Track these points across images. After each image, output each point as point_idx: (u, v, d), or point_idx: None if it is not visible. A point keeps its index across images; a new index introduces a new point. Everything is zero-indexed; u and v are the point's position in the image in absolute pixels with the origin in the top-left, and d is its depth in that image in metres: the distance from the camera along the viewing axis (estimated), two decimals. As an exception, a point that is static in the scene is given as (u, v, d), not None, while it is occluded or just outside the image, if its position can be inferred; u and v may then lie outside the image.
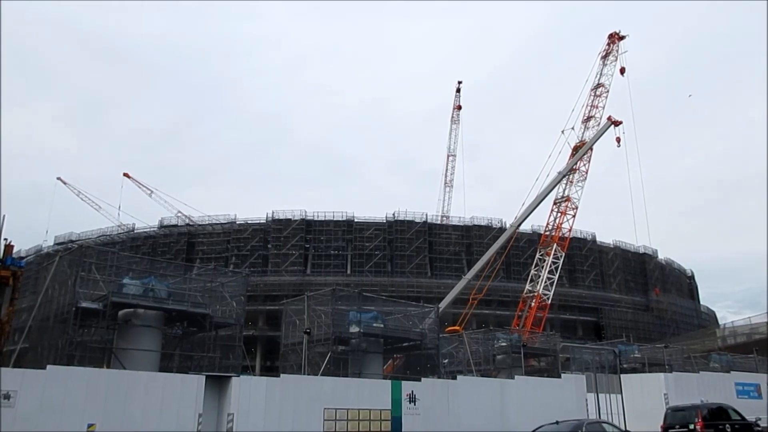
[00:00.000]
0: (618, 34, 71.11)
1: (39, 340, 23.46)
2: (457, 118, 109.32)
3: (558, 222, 69.02)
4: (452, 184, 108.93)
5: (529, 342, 37.81)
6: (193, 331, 25.25)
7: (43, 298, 23.89)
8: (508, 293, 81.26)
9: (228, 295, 25.17)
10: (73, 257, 22.25)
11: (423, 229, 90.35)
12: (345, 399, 22.49)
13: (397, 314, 31.05)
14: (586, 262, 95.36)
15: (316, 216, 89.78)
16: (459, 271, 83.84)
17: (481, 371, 34.40)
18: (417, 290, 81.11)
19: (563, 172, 68.21)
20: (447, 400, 25.56)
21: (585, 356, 37.40)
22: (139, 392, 18.16)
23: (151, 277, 23.35)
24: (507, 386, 28.63)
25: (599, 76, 70.84)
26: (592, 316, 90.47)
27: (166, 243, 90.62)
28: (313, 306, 27.58)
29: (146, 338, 22.21)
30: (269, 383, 21.39)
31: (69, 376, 17.28)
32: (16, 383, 16.17)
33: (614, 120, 69.14)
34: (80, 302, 20.42)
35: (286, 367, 27.67)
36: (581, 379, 31.93)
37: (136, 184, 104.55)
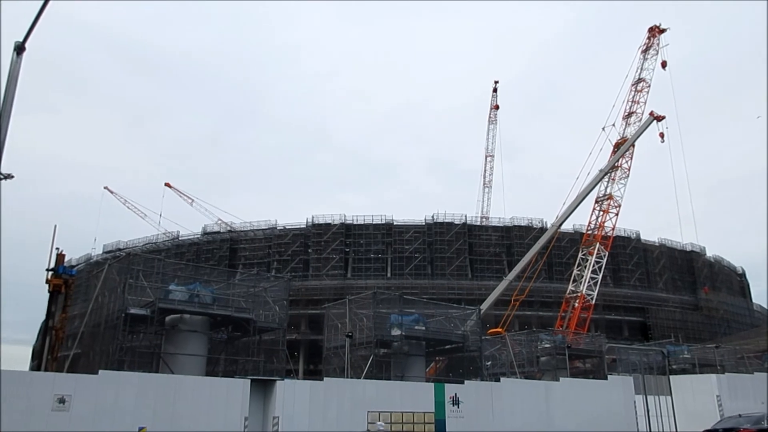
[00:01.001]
0: (658, 27, 69.49)
1: (91, 346, 24.23)
2: (494, 117, 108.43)
3: (600, 221, 67.74)
4: (491, 185, 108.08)
5: (574, 343, 37.23)
6: (238, 336, 25.69)
7: (94, 305, 24.68)
8: (550, 294, 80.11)
9: (271, 300, 25.54)
10: (122, 265, 22.93)
11: (462, 230, 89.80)
12: (388, 402, 22.50)
13: (439, 317, 30.97)
14: (630, 261, 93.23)
15: (355, 220, 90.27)
16: (500, 272, 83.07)
17: (524, 373, 34.03)
18: (458, 292, 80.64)
19: (605, 169, 66.96)
20: (491, 403, 25.33)
21: (632, 357, 36.60)
22: (186, 396, 18.55)
23: (196, 283, 23.89)
24: (552, 388, 28.21)
25: (640, 71, 69.36)
26: (639, 316, 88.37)
27: (209, 249, 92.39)
28: (355, 309, 27.74)
29: (193, 343, 22.72)
30: (313, 386, 21.57)
31: (120, 381, 17.77)
32: (70, 388, 16.72)
33: (657, 115, 67.51)
34: (129, 308, 21.02)
35: (329, 371, 27.88)
36: (628, 380, 31.23)
37: (178, 193, 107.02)
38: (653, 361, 36.55)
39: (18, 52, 15.71)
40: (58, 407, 16.32)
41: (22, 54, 15.83)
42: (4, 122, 14.67)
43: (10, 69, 15.58)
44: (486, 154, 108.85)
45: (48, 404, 16.18)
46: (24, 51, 15.82)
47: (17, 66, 15.74)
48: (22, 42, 15.65)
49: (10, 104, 15.17)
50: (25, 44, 15.79)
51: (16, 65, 15.68)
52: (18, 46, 15.66)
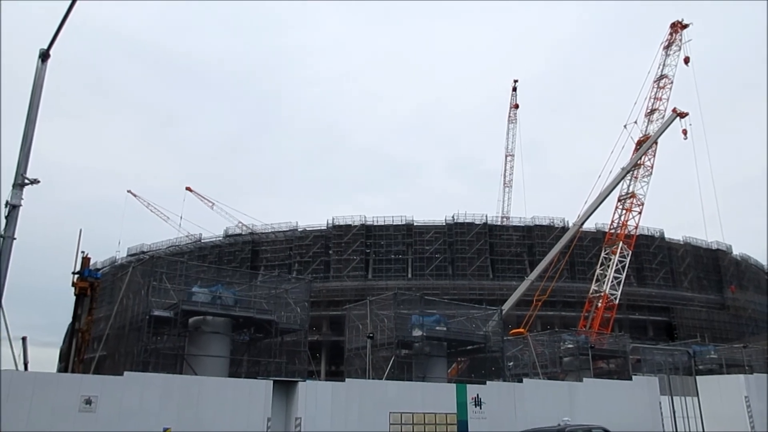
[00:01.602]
0: (681, 23, 68.52)
1: (116, 348, 24.57)
2: (514, 117, 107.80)
3: (623, 219, 66.92)
4: (511, 184, 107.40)
5: (597, 343, 36.82)
6: (260, 337, 25.86)
7: (119, 307, 25.03)
8: (573, 294, 79.34)
9: (292, 301, 25.67)
10: (145, 268, 23.22)
11: (483, 230, 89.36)
12: (410, 403, 22.49)
13: (460, 317, 30.87)
14: (654, 260, 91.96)
15: (376, 221, 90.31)
16: (521, 272, 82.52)
17: (547, 374, 33.77)
18: (479, 293, 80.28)
19: (627, 167, 66.17)
20: (513, 404, 25.19)
21: (657, 357, 36.15)
22: (210, 397, 18.73)
23: (218, 285, 24.11)
24: (575, 389, 27.97)
25: (662, 67, 68.38)
26: (663, 315, 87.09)
27: (231, 252, 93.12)
28: (376, 310, 27.76)
29: (215, 344, 22.93)
30: (335, 388, 21.65)
31: (145, 382, 18.01)
32: (96, 389, 17.00)
33: (679, 112, 66.53)
34: (153, 310, 21.29)
35: (350, 372, 27.94)
36: (653, 381, 30.83)
37: (198, 197, 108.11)
38: (679, 362, 36.05)
39: (43, 59, 16.01)
40: (85, 408, 16.59)
41: (47, 61, 16.13)
42: (29, 128, 14.97)
43: (35, 76, 15.90)
44: (506, 154, 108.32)
45: (75, 405, 16.46)
46: (48, 58, 16.12)
47: (42, 73, 16.05)
48: (46, 49, 15.95)
49: (35, 110, 15.47)
50: (50, 51, 16.10)
51: (41, 72, 15.99)
52: (43, 53, 15.96)
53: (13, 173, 14.50)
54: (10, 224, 14.03)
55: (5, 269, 13.65)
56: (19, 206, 14.22)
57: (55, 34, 15.74)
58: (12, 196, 14.14)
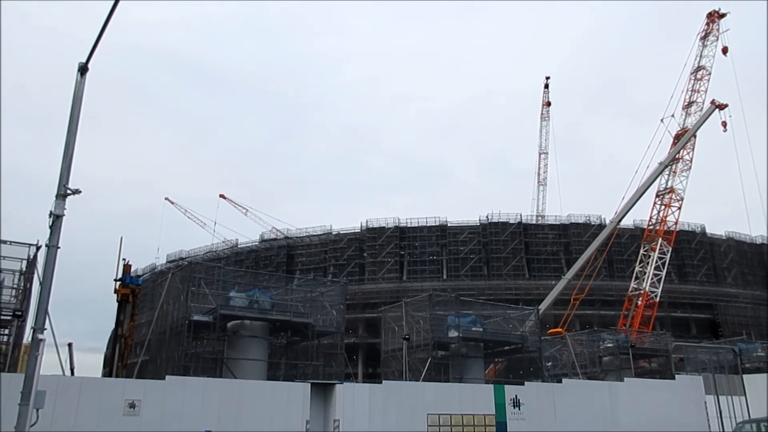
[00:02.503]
0: (718, 12, 66.81)
1: (158, 352, 25.13)
2: (546, 114, 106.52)
3: (662, 215, 65.53)
4: (546, 182, 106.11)
5: (638, 342, 36.14)
6: (297, 340, 26.13)
7: (159, 312, 25.60)
8: (612, 292, 77.93)
9: (328, 304, 25.87)
10: (184, 274, 23.69)
11: (518, 230, 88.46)
12: (448, 404, 22.39)
13: (496, 317, 30.67)
14: (696, 256, 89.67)
15: (409, 223, 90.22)
16: (558, 271, 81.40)
17: (587, 374, 33.28)
18: (515, 293, 79.52)
19: (665, 162, 64.78)
20: (553, 405, 24.85)
21: (701, 356, 35.28)
22: (249, 400, 18.98)
23: (255, 289, 24.44)
24: (616, 389, 27.44)
25: (699, 59, 66.81)
26: (707, 313, 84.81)
27: (267, 256, 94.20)
28: (411, 312, 27.77)
29: (254, 348, 23.25)
30: (372, 389, 21.70)
31: (186, 386, 18.36)
32: (139, 393, 17.40)
33: (718, 103, 64.87)
34: (192, 315, 21.70)
35: (387, 374, 28.00)
36: (698, 380, 30.05)
37: (232, 204, 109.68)
38: (724, 360, 35.10)
39: (81, 72, 16.47)
40: (129, 412, 17.00)
41: (86, 74, 16.58)
42: (70, 140, 15.41)
43: (75, 89, 16.35)
44: (539, 152, 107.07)
45: (119, 409, 16.88)
46: (87, 71, 16.56)
47: (81, 86, 16.49)
48: (85, 63, 16.39)
49: (75, 123, 15.92)
50: (88, 65, 16.54)
51: (80, 85, 16.44)
52: (81, 67, 16.40)
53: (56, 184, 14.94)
54: (54, 234, 14.45)
55: (50, 277, 14.07)
56: (63, 216, 14.62)
57: (93, 48, 16.15)
58: (55, 207, 14.55)
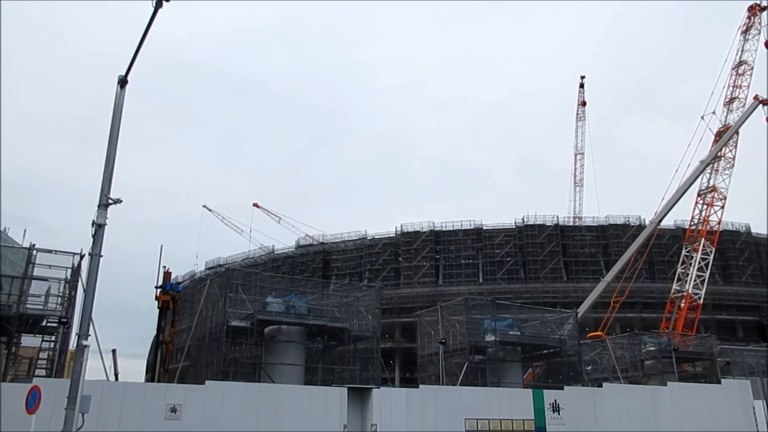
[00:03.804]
0: (759, 6, 64.96)
1: (198, 358, 25.55)
2: (582, 114, 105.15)
3: (705, 215, 63.89)
4: (582, 183, 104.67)
5: (681, 345, 35.21)
6: (333, 345, 26.24)
7: (199, 318, 26.03)
8: (653, 294, 76.23)
9: (364, 309, 25.93)
10: (222, 280, 24.06)
11: (555, 232, 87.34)
12: (486, 409, 22.22)
13: (534, 321, 30.28)
14: (741, 257, 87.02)
15: (444, 227, 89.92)
16: (596, 273, 79.98)
17: (628, 378, 32.59)
18: (553, 296, 78.43)
19: (706, 160, 63.18)
20: (594, 410, 24.42)
21: (748, 359, 34.24)
22: (288, 404, 19.17)
23: (292, 294, 24.66)
24: (659, 394, 26.82)
25: (741, 53, 65.06)
26: (754, 315, 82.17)
27: (303, 262, 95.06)
28: (447, 316, 27.64)
29: (291, 353, 23.44)
30: (409, 394, 21.67)
31: (225, 391, 18.64)
32: (180, 398, 17.75)
33: (762, 99, 62.98)
34: (230, 321, 22.00)
35: (424, 378, 27.91)
36: (745, 384, 29.15)
37: (266, 212, 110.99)
38: (773, 363, 33.97)
39: (121, 85, 16.94)
40: (171, 416, 17.34)
41: (125, 87, 17.05)
42: (111, 151, 15.85)
43: (115, 101, 16.83)
44: (575, 152, 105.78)
45: (161, 413, 17.23)
46: (127, 84, 17.03)
47: (121, 98, 16.96)
48: (124, 75, 16.86)
49: (116, 134, 16.37)
50: (128, 77, 17.00)
51: (120, 98, 16.91)
52: (121, 80, 16.88)
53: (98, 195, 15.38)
54: (97, 242, 14.87)
55: (94, 285, 14.48)
56: (105, 225, 15.04)
57: (132, 61, 16.60)
58: (98, 216, 14.98)
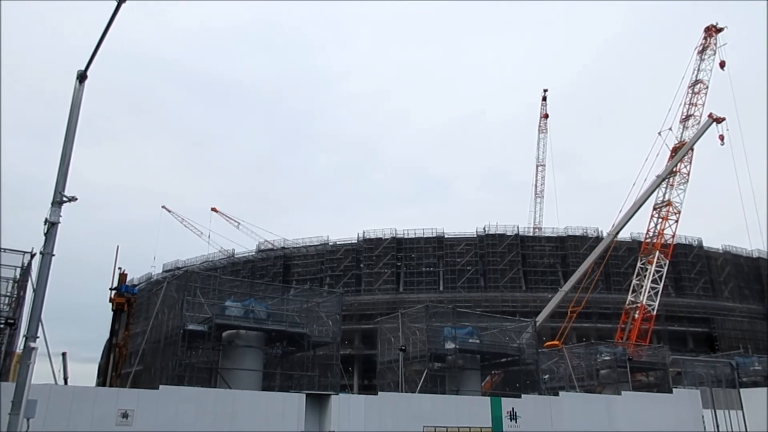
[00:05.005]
0: (715, 27, 67.31)
1: (152, 362, 24.91)
2: (544, 126, 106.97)
3: (659, 228, 65.59)
4: (543, 195, 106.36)
5: (635, 355, 35.98)
6: (292, 351, 25.94)
7: (154, 322, 25.41)
8: (609, 305, 77.79)
9: (324, 315, 25.72)
10: (180, 282, 23.55)
11: (515, 242, 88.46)
12: (444, 416, 22.24)
13: (493, 329, 30.51)
14: (693, 270, 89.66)
15: (406, 234, 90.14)
16: (555, 283, 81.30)
17: (584, 387, 33.12)
18: (512, 305, 79.28)
19: (662, 175, 64.95)
20: (550, 418, 24.71)
21: (698, 370, 35.20)
22: (244, 410, 18.81)
23: (251, 299, 24.29)
24: (614, 402, 27.31)
25: (697, 72, 67.24)
26: (704, 326, 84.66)
27: (263, 266, 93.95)
28: (408, 323, 27.63)
29: (249, 358, 23.06)
30: (368, 401, 21.54)
31: (180, 396, 18.18)
32: (132, 403, 17.23)
33: (716, 117, 65.16)
34: (187, 325, 21.53)
35: (383, 385, 27.82)
36: (695, 394, 29.94)
37: (224, 217, 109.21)
38: (721, 374, 35.01)
39: (80, 80, 16.46)
40: (122, 422, 16.81)
41: (84, 82, 16.58)
42: (67, 147, 15.37)
43: (73, 96, 16.34)
44: (537, 164, 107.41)
45: (112, 418, 16.70)
46: (86, 79, 16.56)
47: (80, 93, 16.49)
48: (84, 70, 16.39)
49: (73, 130, 15.89)
50: (87, 72, 16.54)
51: (78, 93, 16.43)
52: (80, 75, 16.41)
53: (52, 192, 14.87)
54: (49, 241, 14.37)
55: (44, 285, 13.97)
56: (58, 223, 14.55)
57: (92, 56, 16.16)
58: (51, 214, 14.49)
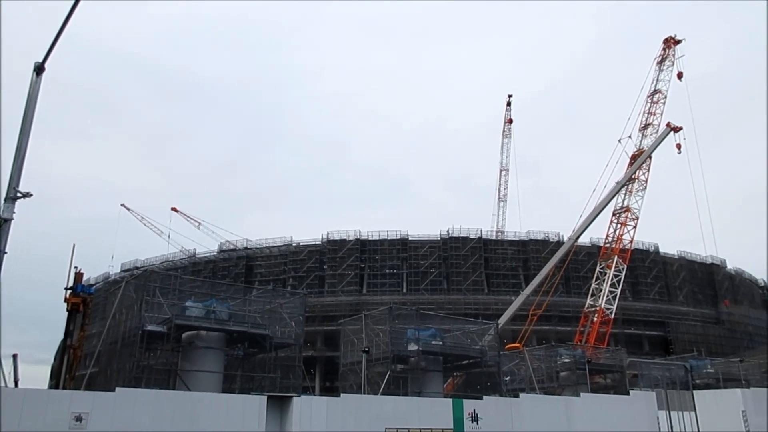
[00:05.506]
0: (674, 39, 69.26)
1: (108, 364, 24.27)
2: (508, 132, 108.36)
3: (618, 233, 67.08)
4: (506, 199, 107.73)
5: (594, 358, 36.65)
6: (254, 352, 25.60)
7: (111, 322, 24.75)
8: (568, 308, 79.20)
9: (287, 316, 25.46)
10: (139, 282, 23.01)
11: (478, 245, 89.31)
12: (406, 418, 22.25)
13: (456, 332, 30.67)
14: (649, 275, 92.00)
15: (371, 236, 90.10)
16: (516, 286, 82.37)
17: (544, 389, 33.57)
18: (474, 307, 79.99)
19: (621, 182, 66.43)
20: (510, 419, 24.95)
21: (654, 372, 36.00)
22: (203, 413, 18.45)
23: (213, 299, 23.86)
24: (572, 404, 27.74)
25: (656, 82, 69.04)
26: (659, 330, 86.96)
27: (225, 267, 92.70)
28: (371, 325, 27.56)
29: (209, 360, 22.65)
30: (330, 403, 21.39)
31: (137, 398, 17.73)
32: (87, 405, 16.70)
33: (673, 126, 67.00)
34: (146, 325, 21.03)
35: (345, 387, 27.68)
36: (651, 395, 30.65)
37: (184, 217, 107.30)
38: (676, 376, 35.90)
39: (37, 72, 15.94)
40: (75, 425, 16.29)
41: (42, 74, 16.06)
42: (23, 141, 14.86)
43: (30, 89, 15.81)
44: (501, 168, 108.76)
45: (65, 422, 16.16)
46: (44, 71, 16.05)
47: (37, 86, 15.96)
48: (41, 62, 15.88)
49: (29, 123, 15.37)
50: (45, 65, 16.03)
51: (35, 85, 15.91)
52: (37, 67, 15.89)
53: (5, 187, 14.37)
54: (1, 238, 13.88)
55: (-4, 283, 13.48)
56: (11, 220, 14.07)
57: (51, 48, 15.68)
58: (3, 210, 14.00)
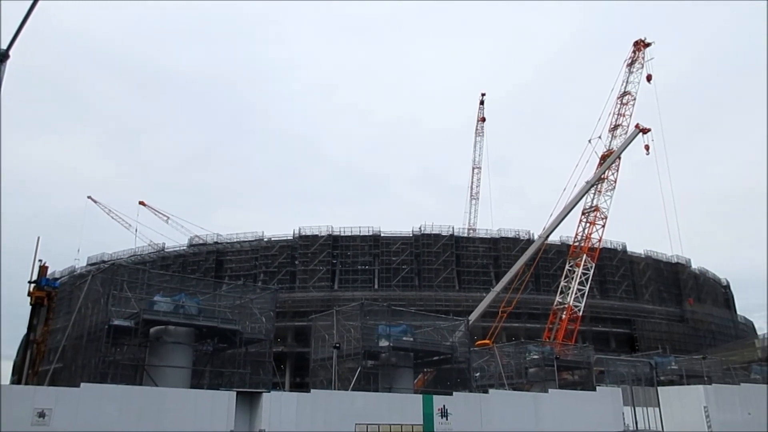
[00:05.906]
0: (643, 42, 70.41)
1: (73, 359, 23.76)
2: (481, 130, 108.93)
3: (587, 232, 68.12)
4: (478, 197, 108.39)
5: (562, 355, 37.16)
6: (224, 348, 25.33)
7: (77, 317, 24.24)
8: (538, 306, 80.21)
9: (257, 311, 25.24)
10: (105, 276, 22.56)
11: (450, 242, 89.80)
12: (377, 414, 22.27)
13: (426, 328, 30.81)
14: (617, 273, 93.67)
15: (343, 231, 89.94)
16: (487, 284, 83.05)
17: (513, 385, 33.92)
18: (445, 304, 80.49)
19: (591, 181, 67.44)
20: (480, 415, 25.16)
21: (620, 369, 36.68)
22: (171, 409, 18.21)
23: (182, 294, 23.52)
24: (541, 400, 28.09)
25: (625, 84, 70.15)
26: (625, 327, 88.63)
27: (195, 261, 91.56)
28: (342, 321, 27.53)
29: (177, 355, 22.34)
30: (300, 399, 21.31)
31: (102, 394, 17.42)
32: (50, 401, 16.35)
33: (642, 128, 68.22)
34: (113, 320, 20.63)
35: (316, 383, 27.60)
36: (617, 392, 31.21)
37: (153, 211, 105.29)
38: (641, 373, 36.63)
39: (2, 59, 15.50)
40: (38, 422, 15.94)
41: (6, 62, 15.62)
42: (-15, 129, 14.43)
43: (-7, 76, 15.37)
44: (473, 167, 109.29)
45: (28, 418, 15.80)
46: (8, 59, 15.62)
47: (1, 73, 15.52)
48: (5, 50, 15.46)
49: (-8, 111, 14.93)
50: (9, 52, 15.60)
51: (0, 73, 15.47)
52: (2, 54, 15.46)
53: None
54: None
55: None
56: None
57: (15, 35, 15.27)
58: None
